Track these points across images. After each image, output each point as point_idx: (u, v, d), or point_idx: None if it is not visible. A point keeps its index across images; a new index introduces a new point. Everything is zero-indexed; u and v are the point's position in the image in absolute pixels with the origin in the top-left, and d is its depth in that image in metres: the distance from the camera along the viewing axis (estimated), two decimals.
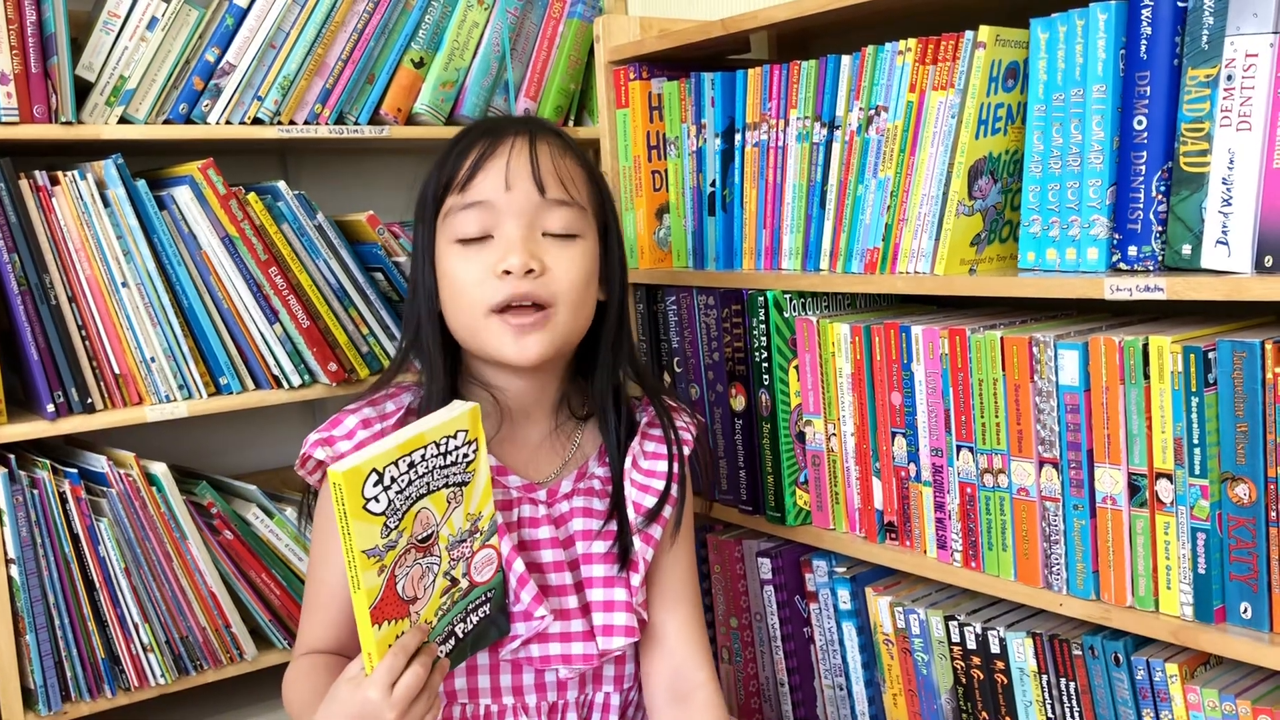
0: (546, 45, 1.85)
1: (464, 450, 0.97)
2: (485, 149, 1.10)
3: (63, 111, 1.49)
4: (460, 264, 1.09)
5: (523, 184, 1.09)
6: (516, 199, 1.09)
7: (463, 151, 1.12)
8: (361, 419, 1.09)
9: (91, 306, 1.51)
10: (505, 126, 1.13)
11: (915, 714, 1.31)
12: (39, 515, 1.47)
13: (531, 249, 1.08)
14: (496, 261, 1.07)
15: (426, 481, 0.95)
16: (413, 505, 0.94)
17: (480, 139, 1.12)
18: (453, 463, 0.97)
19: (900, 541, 1.29)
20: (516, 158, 1.10)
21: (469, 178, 1.09)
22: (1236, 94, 1.00)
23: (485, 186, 1.09)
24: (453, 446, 0.96)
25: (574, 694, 1.13)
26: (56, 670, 1.49)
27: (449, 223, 1.10)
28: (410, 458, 0.93)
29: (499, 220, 1.09)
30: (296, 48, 1.63)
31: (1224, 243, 1.02)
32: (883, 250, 1.27)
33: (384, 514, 0.91)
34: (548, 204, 1.10)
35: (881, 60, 1.27)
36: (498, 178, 1.09)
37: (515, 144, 1.10)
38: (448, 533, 0.98)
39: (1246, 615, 1.01)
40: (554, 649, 1.10)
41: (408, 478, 0.93)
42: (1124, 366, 1.06)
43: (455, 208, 1.10)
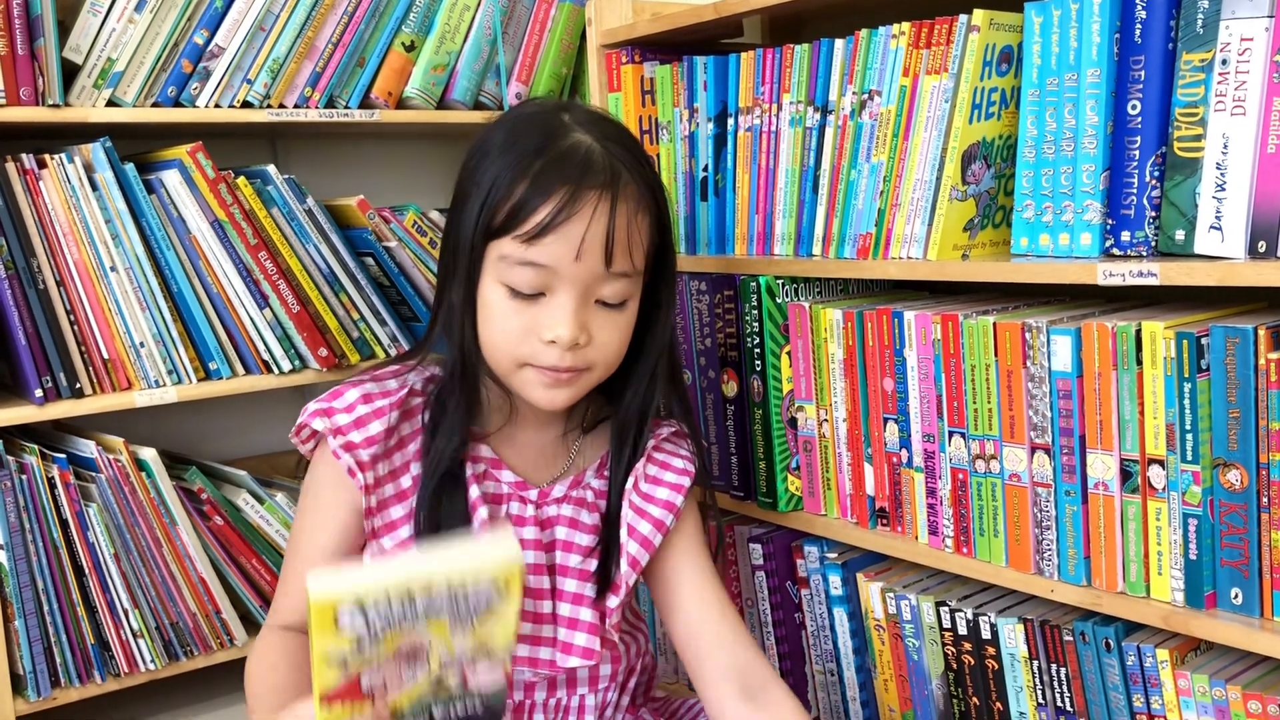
0: (538, 29, 1.84)
1: (489, 596, 0.84)
2: (563, 205, 0.99)
3: (50, 94, 1.47)
4: (504, 313, 1.03)
5: (592, 255, 1.01)
6: (581, 270, 1.01)
7: (539, 189, 1.00)
8: (363, 393, 1.07)
9: (80, 291, 1.50)
10: (591, 170, 1.01)
11: (906, 699, 1.32)
12: (27, 501, 1.46)
13: (583, 322, 1.02)
14: (545, 328, 1.01)
15: (425, 614, 0.83)
16: (401, 628, 0.83)
17: (562, 184, 1.00)
18: (471, 606, 0.84)
19: (892, 527, 1.29)
20: (595, 225, 1.00)
21: (539, 233, 0.99)
22: (1231, 78, 1.00)
23: (554, 250, 1.00)
24: (474, 592, 0.83)
25: (542, 695, 1.10)
26: (46, 656, 1.49)
27: (504, 266, 1.01)
28: (404, 595, 0.81)
29: (556, 282, 1.01)
30: (286, 30, 1.62)
31: (1218, 228, 1.01)
32: (875, 235, 1.27)
33: (357, 638, 0.81)
34: (609, 276, 1.03)
35: (875, 44, 1.27)
36: (570, 245, 0.99)
37: (597, 209, 1.00)
38: (443, 651, 0.86)
39: (1237, 601, 1.01)
40: (521, 650, 1.08)
41: (401, 610, 0.82)
42: (1117, 352, 1.06)
43: (514, 257, 1.01)
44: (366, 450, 1.04)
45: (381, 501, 1.07)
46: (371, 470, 1.05)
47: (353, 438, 1.04)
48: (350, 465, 1.03)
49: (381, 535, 1.06)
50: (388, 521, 1.07)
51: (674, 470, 1.14)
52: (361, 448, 1.04)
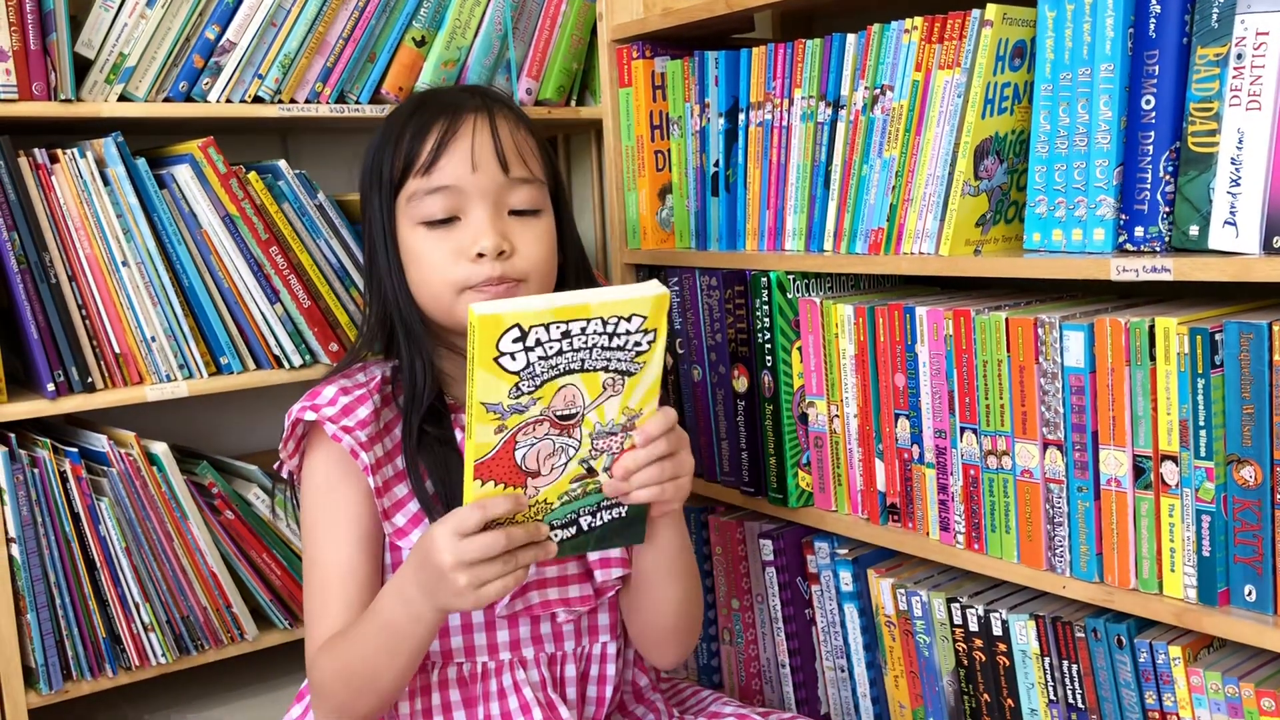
0: (549, 24, 1.84)
1: (636, 338, 0.89)
2: (446, 129, 1.09)
3: (62, 89, 1.48)
4: (428, 247, 1.09)
5: (487, 165, 1.09)
6: (482, 181, 1.09)
7: (420, 130, 1.10)
8: (339, 388, 1.09)
9: (91, 285, 1.50)
10: (462, 102, 1.11)
11: (917, 695, 1.31)
12: (39, 494, 1.46)
13: (501, 230, 1.09)
14: (468, 244, 1.08)
15: (581, 358, 0.88)
16: (557, 377, 0.88)
17: (439, 117, 1.10)
18: (619, 346, 0.89)
19: (903, 523, 1.28)
20: (479, 137, 1.09)
21: (432, 160, 1.08)
22: (1247, 73, 0.99)
23: (450, 170, 1.08)
24: (624, 330, 0.89)
25: (571, 645, 1.14)
26: (57, 649, 1.49)
27: (413, 206, 1.10)
28: (566, 326, 0.86)
29: (465, 202, 1.09)
30: (297, 26, 1.62)
31: (1232, 223, 1.01)
32: (887, 231, 1.26)
33: (518, 374, 0.87)
34: (512, 183, 1.10)
35: (887, 39, 1.26)
36: (463, 160, 1.08)
37: (476, 123, 1.09)
38: (595, 419, 0.92)
39: (1251, 598, 1.01)
40: (553, 594, 1.11)
41: (557, 346, 0.87)
42: (1130, 348, 1.05)
43: (420, 191, 1.09)
44: (362, 432, 1.06)
45: (386, 482, 1.08)
46: (370, 451, 1.06)
47: (346, 422, 1.06)
48: (353, 446, 1.05)
49: (393, 514, 1.08)
50: (395, 500, 1.08)
51: None
52: (357, 429, 1.05)
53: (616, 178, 1.61)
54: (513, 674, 1.11)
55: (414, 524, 1.08)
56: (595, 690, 1.16)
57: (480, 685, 1.11)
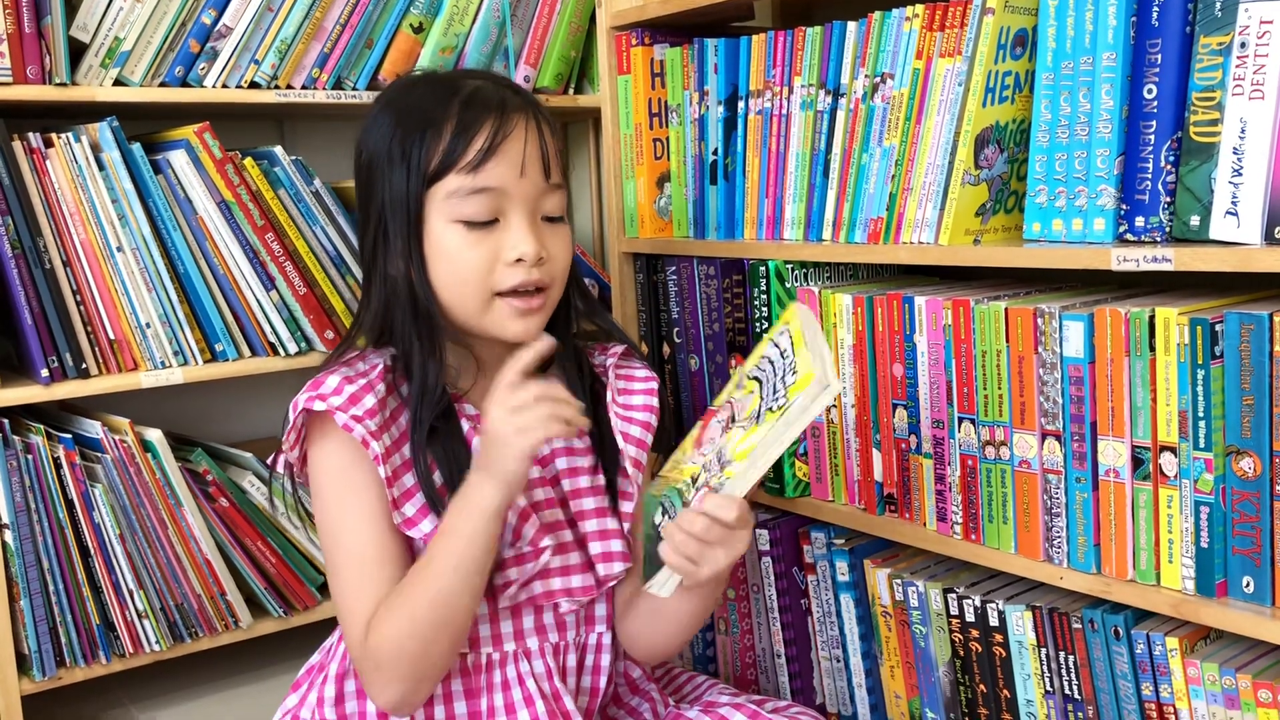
0: (547, 11, 1.83)
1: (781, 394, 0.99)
2: (497, 129, 1.07)
3: (57, 73, 1.47)
4: (463, 246, 1.07)
5: (533, 171, 1.09)
6: (527, 186, 1.08)
7: (468, 125, 1.06)
8: (343, 376, 1.08)
9: (86, 271, 1.49)
10: (509, 105, 1.09)
11: (912, 686, 1.31)
12: (33, 480, 1.46)
13: (541, 237, 1.09)
14: (507, 250, 1.07)
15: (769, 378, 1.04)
16: (759, 377, 1.05)
17: (488, 114, 1.07)
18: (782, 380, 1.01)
19: (900, 514, 1.28)
20: (530, 142, 1.08)
21: (481, 160, 1.06)
22: (1250, 62, 0.99)
23: (498, 173, 1.06)
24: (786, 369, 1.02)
25: (572, 634, 1.14)
26: (51, 636, 1.49)
27: (452, 203, 1.07)
28: (783, 350, 1.04)
29: (507, 205, 1.08)
30: (294, 11, 1.61)
31: (1233, 213, 1.00)
32: (886, 220, 1.26)
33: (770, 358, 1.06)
34: (550, 189, 1.10)
35: (888, 27, 1.25)
36: (512, 164, 1.07)
37: (527, 126, 1.09)
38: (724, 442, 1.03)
39: (1249, 589, 1.00)
40: (555, 584, 1.11)
41: (771, 370, 1.04)
42: (1129, 338, 1.05)
43: (463, 190, 1.06)
44: (370, 421, 1.05)
45: (395, 471, 1.07)
46: (379, 441, 1.05)
47: (355, 412, 1.05)
48: (363, 435, 1.04)
49: (402, 504, 1.07)
50: (405, 490, 1.07)
51: (639, 379, 1.20)
52: (366, 419, 1.05)
53: (615, 166, 1.60)
54: (516, 665, 1.11)
55: (423, 514, 1.07)
56: (590, 680, 1.16)
57: (484, 676, 1.10)
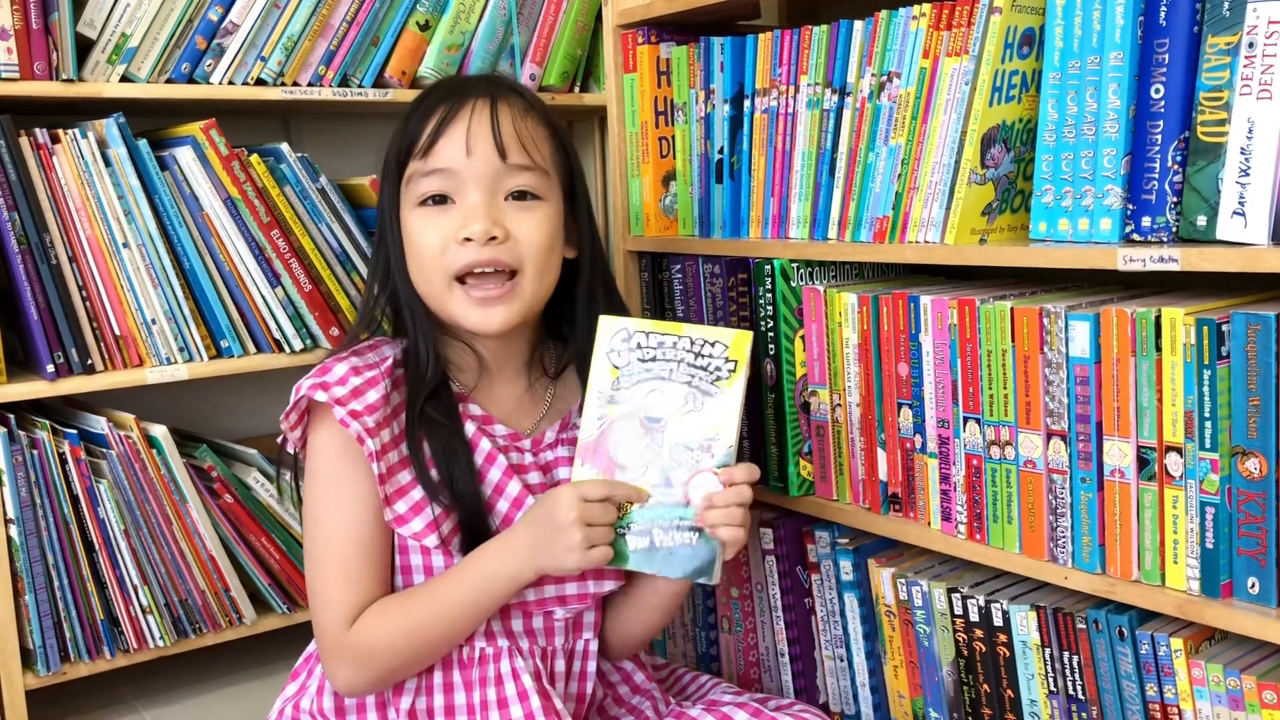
0: (553, 9, 1.83)
1: (717, 363, 1.08)
2: (446, 113, 1.10)
3: (64, 69, 1.47)
4: (422, 228, 1.10)
5: (483, 149, 1.09)
6: (477, 165, 1.09)
7: (425, 114, 1.11)
8: (351, 366, 1.09)
9: (92, 267, 1.50)
10: (468, 88, 1.12)
11: (916, 685, 1.31)
12: (38, 476, 1.46)
13: (494, 215, 1.09)
14: (459, 228, 1.08)
15: (670, 368, 1.08)
16: (648, 380, 1.09)
17: (442, 101, 1.11)
18: (702, 366, 1.08)
19: (904, 513, 1.28)
20: (477, 122, 1.09)
21: (430, 143, 1.09)
22: (1258, 62, 0.99)
23: (446, 153, 1.09)
24: (707, 352, 1.09)
25: (561, 640, 1.15)
26: (55, 631, 1.49)
27: (411, 187, 1.11)
28: (662, 337, 1.09)
29: (461, 186, 1.09)
30: (301, 8, 1.62)
31: (1240, 214, 1.00)
32: (892, 219, 1.26)
33: (619, 369, 1.09)
34: (509, 169, 1.10)
35: (895, 26, 1.25)
36: (459, 143, 1.09)
37: (476, 107, 1.10)
38: (677, 430, 1.08)
39: (1254, 590, 1.00)
40: (549, 590, 1.12)
41: (653, 353, 1.09)
42: (1136, 338, 1.05)
43: (418, 173, 1.10)
44: (370, 417, 1.05)
45: (390, 468, 1.07)
46: (376, 437, 1.05)
47: (355, 406, 1.05)
48: (359, 432, 1.04)
49: (395, 500, 1.07)
50: (398, 487, 1.07)
51: None
52: (365, 415, 1.05)
53: (620, 164, 1.60)
54: (511, 661, 1.11)
55: (414, 512, 1.07)
56: (577, 686, 1.17)
57: (478, 669, 1.11)
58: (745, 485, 1.07)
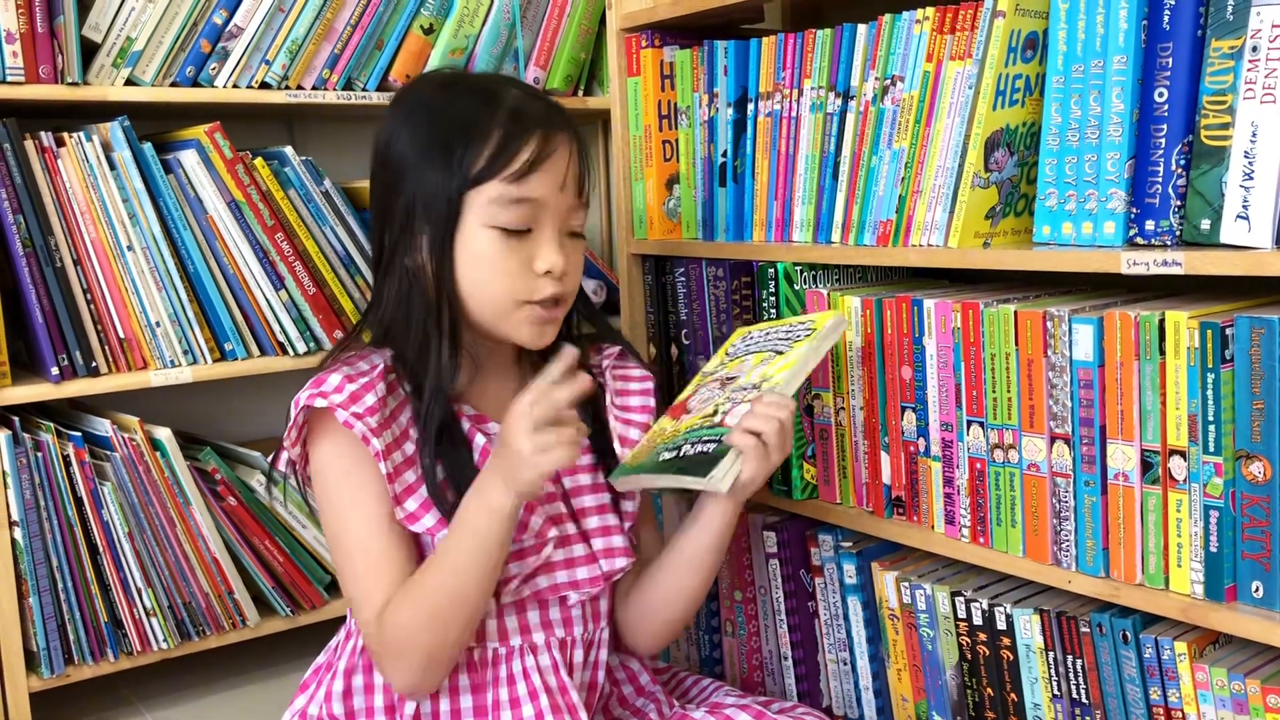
0: (557, 13, 1.83)
1: (800, 331, 1.18)
2: (542, 146, 1.10)
3: (69, 72, 1.47)
4: (498, 252, 1.10)
5: (571, 188, 1.13)
6: (563, 202, 1.12)
7: (515, 134, 1.09)
8: (345, 375, 1.09)
9: (96, 269, 1.50)
10: (555, 122, 1.12)
11: (919, 689, 1.31)
12: (43, 478, 1.46)
13: (565, 251, 1.12)
14: (539, 262, 1.10)
15: (761, 345, 1.20)
16: (744, 357, 1.20)
17: (536, 130, 1.10)
18: (786, 336, 1.18)
19: (908, 517, 1.28)
20: (572, 160, 1.13)
21: (527, 170, 1.09)
22: (1261, 65, 0.99)
23: (540, 185, 1.10)
24: (798, 328, 1.19)
25: (579, 629, 1.15)
26: (59, 633, 1.49)
27: (492, 209, 1.09)
28: (771, 329, 1.22)
29: (542, 218, 1.11)
30: (305, 11, 1.62)
31: (1244, 217, 1.00)
32: (896, 222, 1.26)
33: (729, 356, 1.22)
34: (577, 207, 1.14)
35: (898, 29, 1.25)
36: (554, 179, 1.11)
37: (570, 146, 1.13)
38: (742, 379, 1.15)
39: (1258, 594, 1.00)
40: (561, 576, 1.13)
41: (759, 340, 1.21)
42: (1139, 342, 1.05)
43: (505, 197, 1.09)
44: (371, 419, 1.06)
45: (397, 467, 1.08)
46: (380, 437, 1.06)
47: (356, 409, 1.06)
48: (364, 432, 1.05)
49: (404, 499, 1.08)
50: (406, 485, 1.08)
51: (635, 379, 1.24)
52: (366, 416, 1.05)
53: (624, 167, 1.60)
54: (522, 660, 1.11)
55: (425, 508, 1.08)
56: (590, 676, 1.17)
57: (490, 670, 1.11)
58: (783, 400, 1.09)
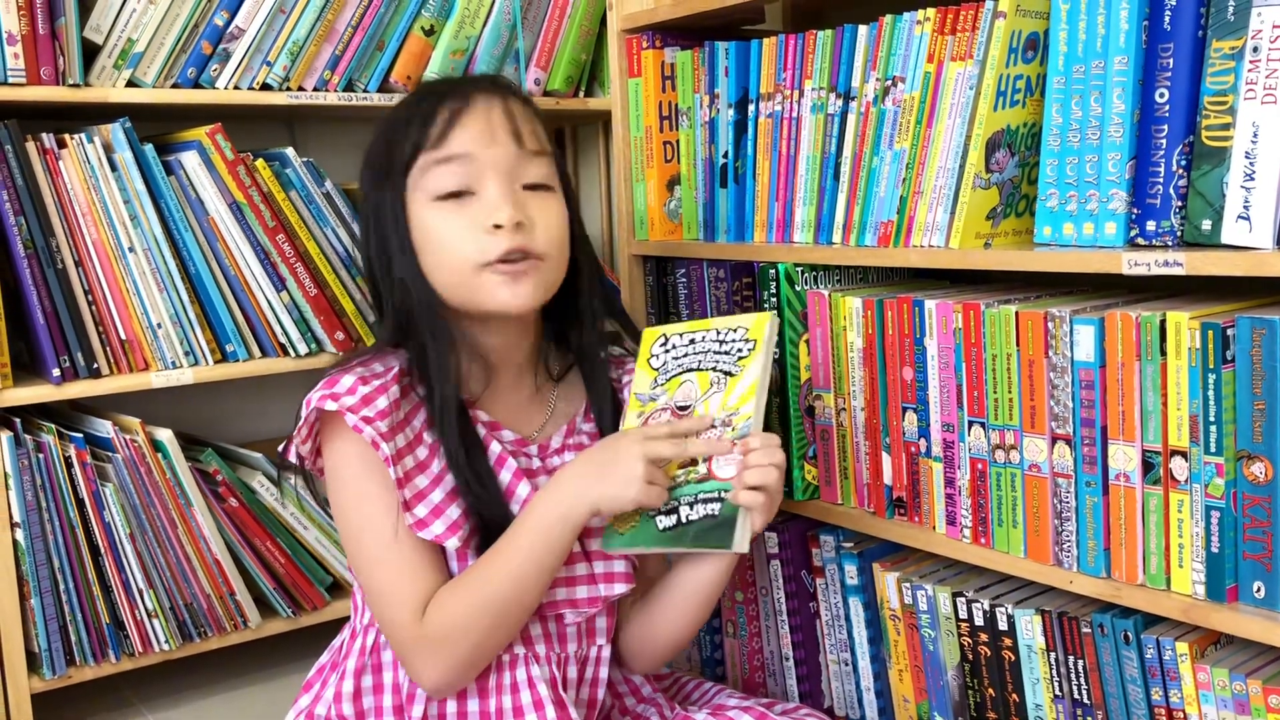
0: (558, 14, 1.83)
1: (739, 345, 1.14)
2: (458, 105, 1.09)
3: (70, 73, 1.47)
4: (441, 221, 1.09)
5: (501, 136, 1.09)
6: (496, 152, 1.09)
7: (430, 111, 1.10)
8: (359, 377, 1.08)
9: (98, 271, 1.50)
10: (467, 86, 1.12)
11: (921, 689, 1.31)
12: (44, 479, 1.46)
13: (518, 203, 1.09)
14: (485, 217, 1.07)
15: (698, 359, 1.15)
16: (680, 374, 1.15)
17: (446, 100, 1.10)
18: (725, 351, 1.14)
19: (909, 517, 1.28)
20: (494, 110, 1.10)
21: (443, 133, 1.08)
22: (1262, 66, 0.99)
23: (463, 140, 1.08)
24: (730, 338, 1.15)
25: (574, 647, 1.14)
26: (61, 634, 1.49)
27: (425, 180, 1.09)
28: (693, 335, 1.17)
29: (479, 175, 1.09)
30: (306, 13, 1.62)
31: (1245, 218, 1.00)
32: (897, 223, 1.26)
33: (657, 370, 1.16)
34: (526, 155, 1.10)
35: (899, 30, 1.26)
36: (476, 131, 1.08)
37: (490, 99, 1.10)
38: (703, 412, 1.12)
39: (1259, 595, 1.00)
40: (560, 594, 1.11)
41: (685, 350, 1.16)
42: (1141, 342, 1.05)
43: (430, 163, 1.08)
44: (382, 422, 1.05)
45: (407, 473, 1.07)
46: (390, 442, 1.05)
47: (366, 413, 1.05)
48: (373, 437, 1.04)
49: (414, 505, 1.07)
50: (416, 491, 1.07)
51: None
52: (377, 420, 1.05)
53: (625, 168, 1.60)
54: (527, 668, 1.10)
55: (435, 515, 1.07)
56: (589, 693, 1.16)
57: (495, 676, 1.10)
58: (771, 443, 1.07)
